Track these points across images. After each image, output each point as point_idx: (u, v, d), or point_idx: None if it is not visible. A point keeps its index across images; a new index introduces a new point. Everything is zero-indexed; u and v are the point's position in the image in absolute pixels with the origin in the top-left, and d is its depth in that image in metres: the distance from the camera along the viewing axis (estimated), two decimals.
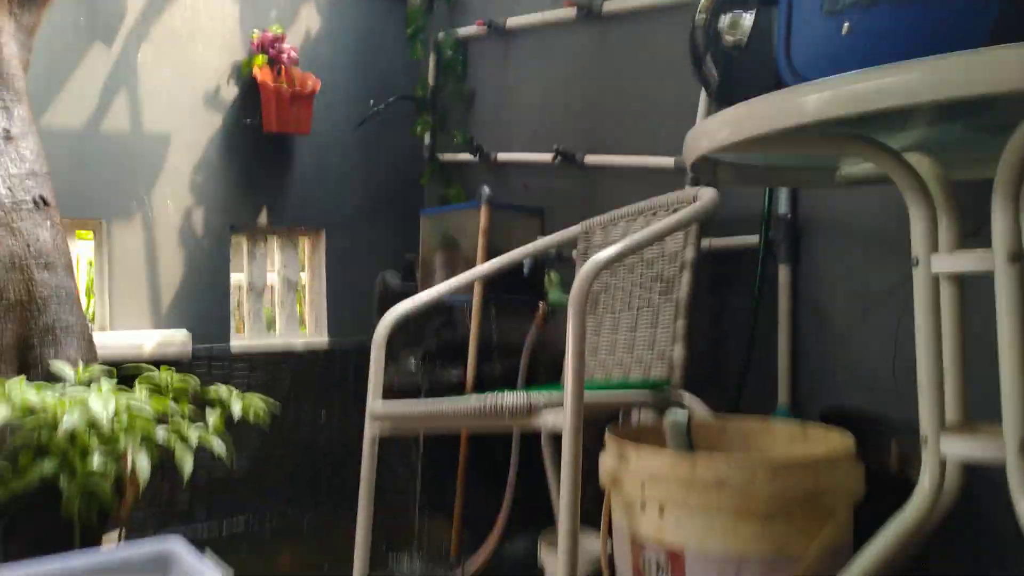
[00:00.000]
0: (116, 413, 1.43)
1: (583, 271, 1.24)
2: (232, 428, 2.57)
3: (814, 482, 1.07)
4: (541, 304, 2.17)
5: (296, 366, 2.72)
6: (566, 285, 2.21)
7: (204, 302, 2.63)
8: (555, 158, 2.25)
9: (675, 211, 1.71)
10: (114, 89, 2.51)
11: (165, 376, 1.70)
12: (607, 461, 1.23)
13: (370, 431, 1.61)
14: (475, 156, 2.62)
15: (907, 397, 1.48)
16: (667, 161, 1.96)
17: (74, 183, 2.39)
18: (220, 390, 1.72)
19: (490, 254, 2.37)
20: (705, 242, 1.86)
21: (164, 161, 2.58)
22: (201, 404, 1.77)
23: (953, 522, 1.26)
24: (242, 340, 2.69)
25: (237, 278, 2.82)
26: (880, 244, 1.56)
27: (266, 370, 2.67)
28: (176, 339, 2.48)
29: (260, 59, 2.65)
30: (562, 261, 2.24)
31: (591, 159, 2.21)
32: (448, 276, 2.51)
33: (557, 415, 1.21)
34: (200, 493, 2.54)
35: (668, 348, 1.60)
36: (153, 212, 2.56)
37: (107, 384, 1.56)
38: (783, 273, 1.70)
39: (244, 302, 2.80)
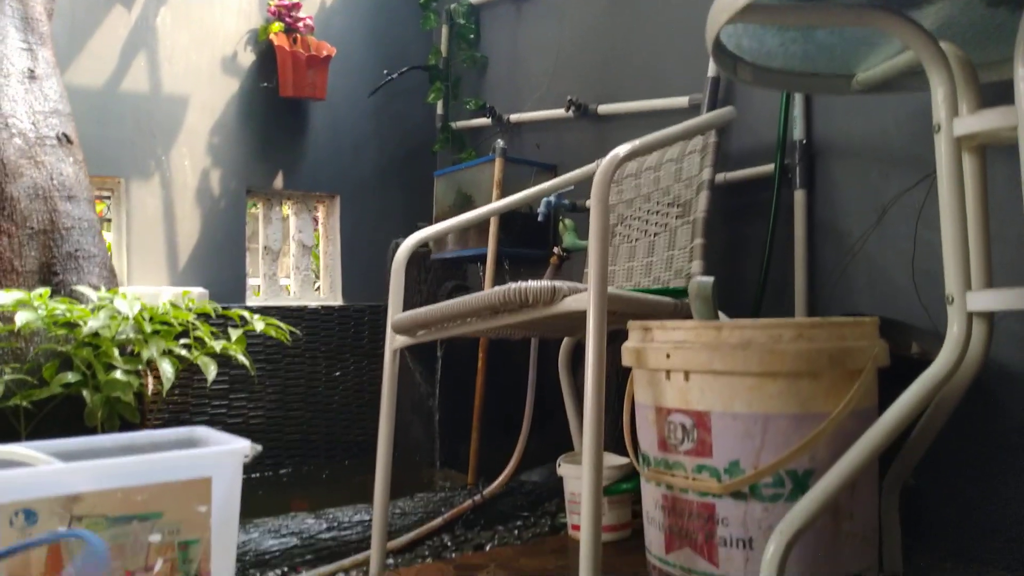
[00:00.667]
0: (139, 313, 1.44)
1: (605, 161, 1.26)
2: (247, 384, 2.59)
3: (839, 341, 1.07)
4: (556, 248, 2.19)
5: (311, 325, 2.73)
6: (580, 231, 2.23)
7: (220, 262, 2.65)
8: (568, 108, 2.28)
9: (690, 139, 1.73)
10: (133, 51, 2.55)
11: (186, 298, 1.72)
12: (630, 342, 1.23)
13: (392, 344, 1.62)
14: (488, 118, 2.65)
15: (926, 302, 1.50)
16: (680, 101, 1.99)
17: (94, 141, 2.42)
18: (241, 312, 1.73)
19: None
20: (720, 176, 1.88)
21: (182, 123, 2.62)
22: (222, 327, 1.79)
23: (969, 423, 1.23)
24: (257, 302, 2.71)
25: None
26: (896, 162, 1.58)
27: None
28: (193, 294, 2.50)
29: (277, 26, 2.70)
30: (576, 210, 2.26)
31: (604, 108, 2.23)
32: (462, 237, 2.54)
33: (580, 299, 1.22)
34: None
35: (686, 265, 1.61)
36: (171, 172, 2.59)
37: (131, 294, 1.58)
38: (799, 197, 1.71)
39: (260, 264, 2.82)
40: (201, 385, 2.52)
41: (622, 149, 1.30)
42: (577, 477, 1.68)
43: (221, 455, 1.09)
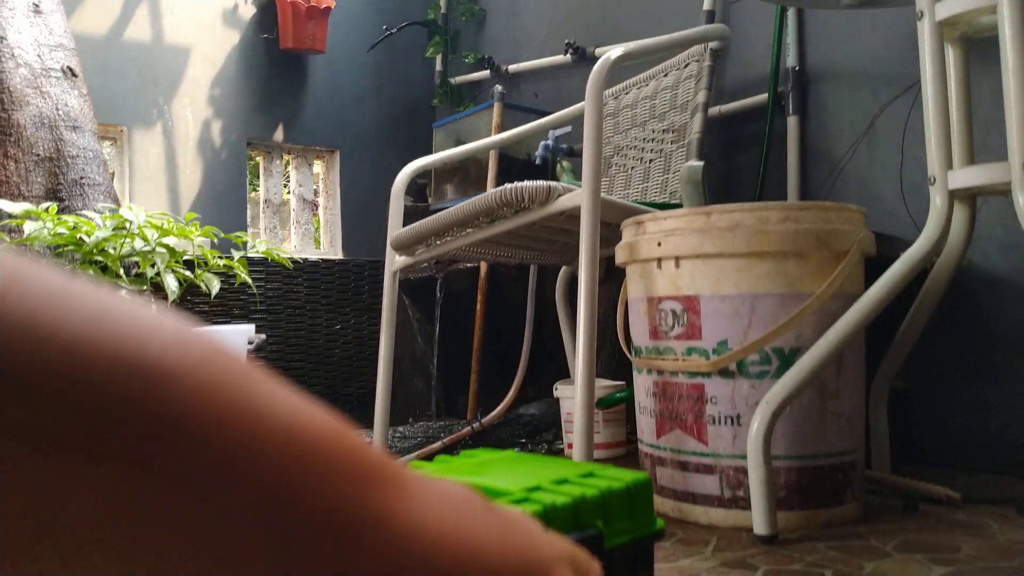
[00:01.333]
0: (145, 224, 1.47)
1: (599, 63, 1.29)
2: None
3: (825, 223, 1.10)
4: None
5: (311, 278, 2.76)
6: (577, 172, 2.26)
7: (221, 212, 2.68)
8: (566, 52, 2.31)
9: (685, 67, 1.76)
10: (136, 1, 2.58)
11: (191, 220, 1.75)
12: (624, 239, 1.26)
13: (391, 265, 1.65)
14: (487, 69, 2.68)
15: (914, 215, 1.52)
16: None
17: (97, 90, 2.45)
18: (242, 235, 1.76)
19: (501, 156, 2.43)
20: (715, 109, 1.91)
21: (183, 73, 2.64)
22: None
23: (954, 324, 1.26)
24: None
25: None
26: (887, 84, 1.61)
27: (282, 280, 2.71)
28: (194, 241, 2.53)
29: None
30: (573, 154, 2.28)
31: (602, 50, 2.26)
32: (462, 186, 2.56)
33: (574, 196, 1.25)
34: None
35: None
36: (173, 122, 2.62)
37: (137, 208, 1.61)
38: (792, 124, 1.74)
39: (261, 217, 2.84)
40: None
41: (614, 52, 1.33)
42: (573, 397, 1.71)
43: (229, 334, 1.12)
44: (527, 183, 1.27)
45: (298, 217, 2.89)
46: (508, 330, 2.26)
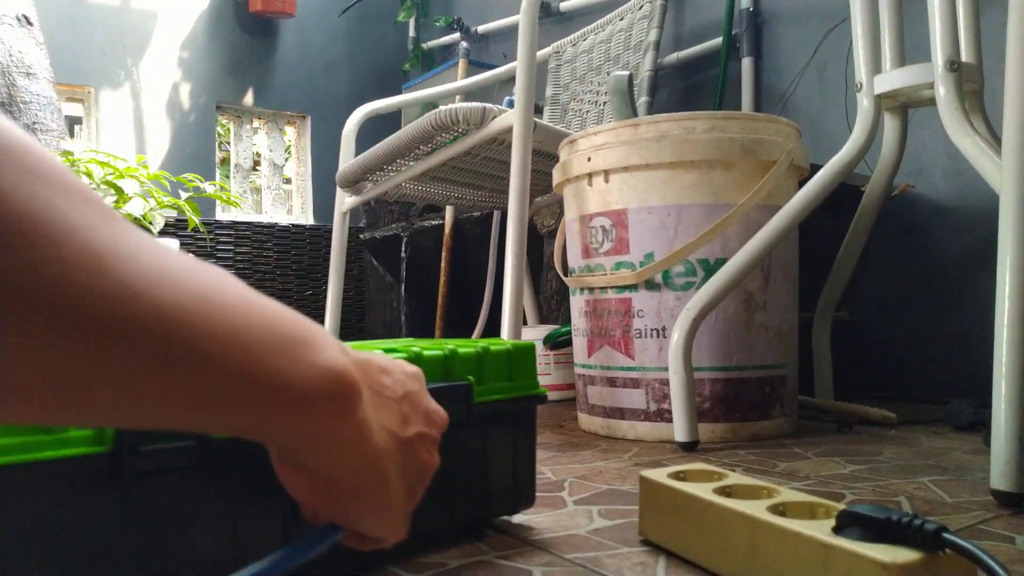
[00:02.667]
0: (89, 161, 1.46)
1: None
2: None
3: (752, 133, 1.09)
4: None
5: (281, 242, 2.75)
6: None
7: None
8: None
9: (639, 9, 1.75)
10: None
11: (141, 162, 1.74)
12: (560, 159, 1.25)
13: (340, 206, 1.64)
14: (458, 30, 2.66)
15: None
16: None
17: (63, 50, 2.44)
18: (191, 176, 1.75)
19: None
20: (672, 56, 1.90)
21: (152, 35, 2.63)
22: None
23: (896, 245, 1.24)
24: (227, 217, 2.73)
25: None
26: (840, 18, 1.59)
27: (252, 244, 2.70)
28: (143, 182, 2.52)
29: None
30: (538, 111, 2.27)
31: (566, 4, 2.25)
32: None
33: (508, 116, 1.24)
34: None
35: None
36: (140, 84, 2.60)
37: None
38: (746, 65, 1.72)
39: (231, 181, 2.83)
40: None
41: None
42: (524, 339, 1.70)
43: None
44: (461, 105, 1.26)
45: (268, 182, 2.88)
46: (473, 285, 2.25)
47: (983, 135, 0.92)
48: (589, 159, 1.14)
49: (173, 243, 1.13)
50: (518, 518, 0.71)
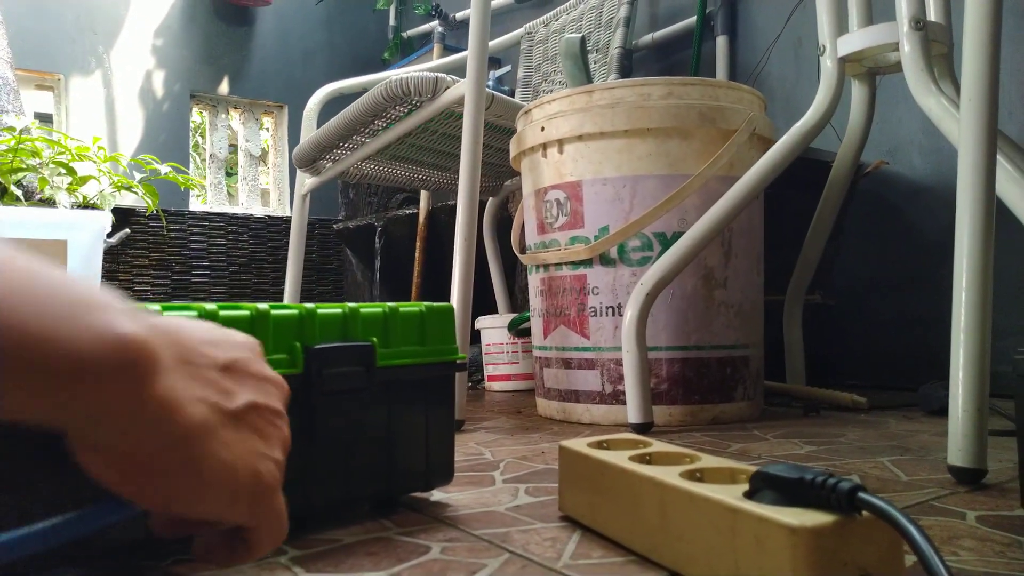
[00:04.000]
0: (30, 129, 1.40)
1: None
2: (189, 290, 2.55)
3: (711, 100, 1.04)
4: None
5: (257, 234, 2.69)
6: None
7: None
8: None
9: None
10: None
11: (96, 144, 1.68)
12: (516, 133, 1.20)
13: (300, 188, 1.58)
14: (436, 17, 2.61)
15: (838, 127, 1.45)
16: None
17: (31, 36, 2.39)
18: (148, 157, 1.70)
19: None
20: (647, 37, 1.85)
21: (124, 21, 2.58)
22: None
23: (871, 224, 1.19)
24: (202, 208, 2.68)
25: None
26: None
27: (226, 235, 2.65)
28: (99, 164, 2.47)
29: None
30: (513, 95, 2.21)
31: None
32: None
33: (460, 86, 1.19)
34: None
35: None
36: (112, 71, 2.55)
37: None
38: (721, 44, 1.67)
39: (206, 171, 2.78)
40: (143, 287, 2.49)
41: None
42: (492, 327, 1.65)
43: (77, 218, 1.05)
44: (413, 74, 1.21)
45: (245, 172, 2.83)
46: (448, 275, 2.19)
47: (948, 96, 0.87)
48: (543, 128, 1.09)
49: (101, 216, 1.08)
50: (437, 495, 0.66)
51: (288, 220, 2.75)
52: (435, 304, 0.64)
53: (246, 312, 0.52)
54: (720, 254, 1.04)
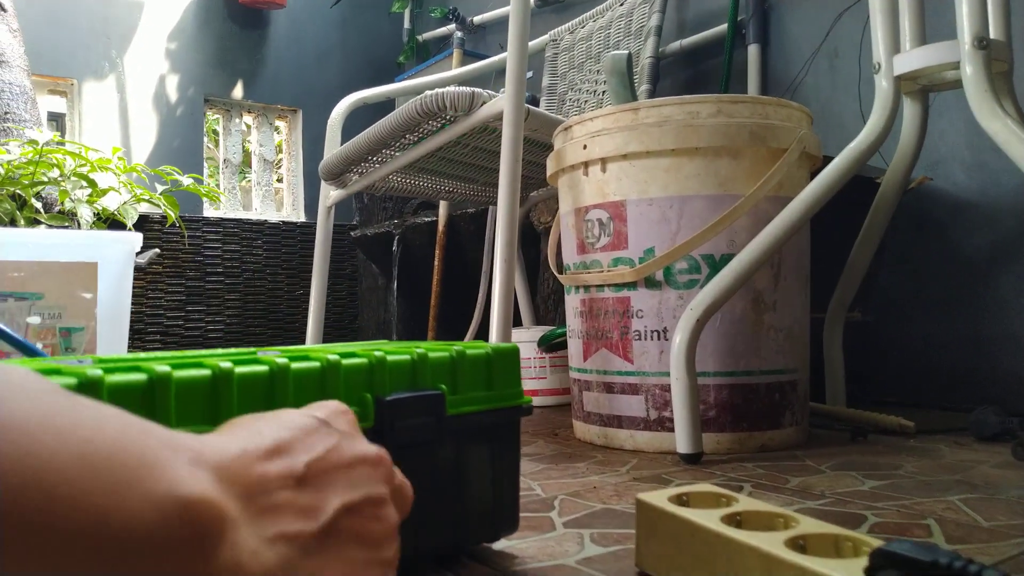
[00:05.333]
0: (56, 150, 1.38)
1: None
2: (204, 296, 2.53)
3: (761, 118, 1.01)
4: None
5: (271, 240, 2.67)
6: None
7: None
8: None
9: None
10: None
11: (117, 154, 1.66)
12: (554, 150, 1.17)
13: (325, 200, 1.56)
14: (453, 21, 2.58)
15: None
16: None
17: (45, 42, 2.36)
18: (168, 169, 1.67)
19: None
20: (675, 44, 1.82)
21: (137, 26, 2.55)
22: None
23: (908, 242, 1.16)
24: (216, 214, 2.65)
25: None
26: (852, 3, 1.51)
27: (240, 241, 2.62)
28: (119, 175, 2.44)
29: None
30: (534, 102, 2.18)
31: None
32: None
33: (498, 102, 1.16)
34: None
35: None
36: (126, 76, 2.53)
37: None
38: (752, 52, 1.64)
39: (220, 177, 2.75)
40: (156, 295, 2.46)
41: None
42: (519, 341, 1.62)
43: (108, 240, 1.02)
44: (450, 88, 1.18)
45: (259, 177, 2.80)
46: (468, 284, 2.17)
47: (1014, 118, 0.84)
48: (585, 147, 1.06)
49: (134, 237, 1.05)
50: (500, 544, 0.63)
51: (302, 225, 2.73)
52: (501, 346, 0.62)
53: (316, 364, 0.50)
54: (770, 276, 1.01)
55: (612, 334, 1.05)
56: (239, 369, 0.46)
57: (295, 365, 0.48)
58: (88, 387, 0.40)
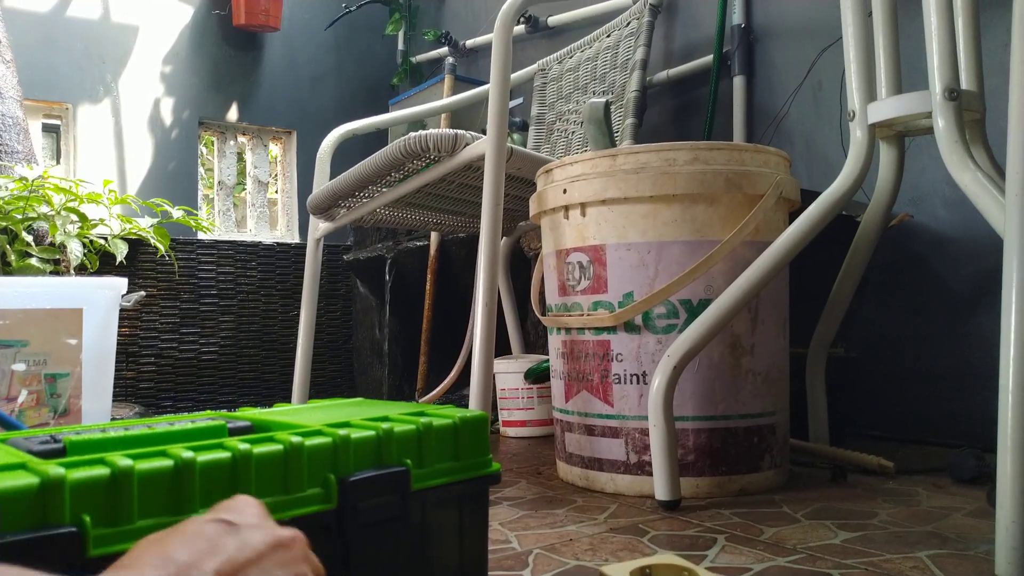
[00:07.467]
0: (46, 185, 1.39)
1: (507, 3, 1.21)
2: (198, 319, 2.54)
3: (738, 164, 1.02)
4: None
5: (266, 261, 2.68)
6: (526, 146, 2.18)
7: (172, 194, 2.59)
8: (520, 22, 2.23)
9: (626, 26, 1.68)
10: None
11: (107, 188, 1.67)
12: (537, 192, 1.18)
13: (314, 232, 1.57)
14: (445, 44, 2.60)
15: None
16: (626, 1, 1.93)
17: (39, 66, 2.38)
18: (160, 201, 1.68)
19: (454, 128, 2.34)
20: (662, 74, 1.83)
21: (132, 50, 2.57)
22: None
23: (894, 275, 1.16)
24: (210, 236, 2.66)
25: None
26: (835, 36, 1.52)
27: (234, 263, 2.63)
28: (142, 222, 2.45)
29: None
30: (524, 128, 2.20)
31: (555, 19, 2.18)
32: None
33: (480, 144, 1.17)
34: (166, 382, 2.49)
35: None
36: (120, 100, 2.54)
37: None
38: (738, 84, 1.65)
39: (214, 199, 2.77)
40: (151, 317, 2.47)
41: None
42: (507, 372, 1.63)
43: (93, 286, 1.03)
44: (432, 131, 1.19)
45: (253, 199, 2.81)
46: (460, 306, 2.18)
47: (984, 169, 0.85)
48: (565, 191, 1.07)
49: (119, 283, 1.06)
50: None
51: (296, 247, 2.74)
52: (468, 414, 0.63)
53: (279, 447, 0.51)
54: (747, 321, 1.02)
55: (593, 376, 1.06)
56: (201, 458, 0.47)
57: (257, 450, 0.49)
58: (51, 488, 0.41)
